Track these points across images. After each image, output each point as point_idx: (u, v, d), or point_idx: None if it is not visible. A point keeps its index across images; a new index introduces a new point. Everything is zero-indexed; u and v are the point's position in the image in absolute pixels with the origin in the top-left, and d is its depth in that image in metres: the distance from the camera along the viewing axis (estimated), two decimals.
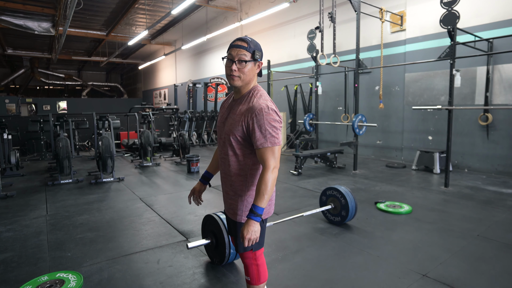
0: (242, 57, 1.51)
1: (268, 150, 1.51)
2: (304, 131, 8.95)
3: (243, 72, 1.53)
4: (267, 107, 1.50)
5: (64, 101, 19.70)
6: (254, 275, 1.70)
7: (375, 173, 6.03)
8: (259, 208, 1.47)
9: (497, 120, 5.67)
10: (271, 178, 1.49)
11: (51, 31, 11.77)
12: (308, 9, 9.15)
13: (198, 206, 3.00)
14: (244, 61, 1.51)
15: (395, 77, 7.23)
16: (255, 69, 1.57)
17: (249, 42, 1.53)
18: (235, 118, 1.57)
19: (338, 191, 3.37)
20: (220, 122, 1.69)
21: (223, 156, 1.66)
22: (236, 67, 1.52)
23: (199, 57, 15.42)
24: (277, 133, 1.52)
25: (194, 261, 2.67)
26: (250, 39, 1.55)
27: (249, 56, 1.52)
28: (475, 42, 5.43)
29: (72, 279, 2.36)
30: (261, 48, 1.60)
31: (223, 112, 1.70)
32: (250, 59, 1.52)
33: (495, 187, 4.92)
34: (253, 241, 1.48)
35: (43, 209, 4.13)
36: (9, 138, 6.50)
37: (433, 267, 2.51)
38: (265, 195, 1.47)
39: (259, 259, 1.70)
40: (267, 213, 1.67)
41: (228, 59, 1.54)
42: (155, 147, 8.07)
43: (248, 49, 1.52)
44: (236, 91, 1.64)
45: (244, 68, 1.52)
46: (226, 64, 1.56)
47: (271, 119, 1.50)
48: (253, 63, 1.54)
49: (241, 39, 1.54)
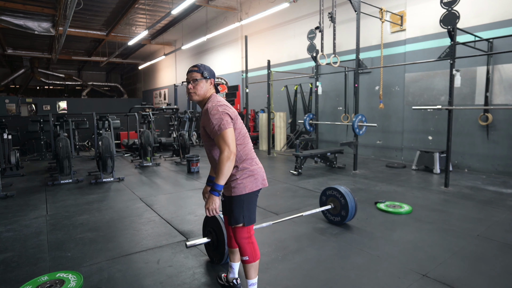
0: (194, 77, 1.98)
1: (219, 137, 1.86)
2: (304, 131, 8.95)
3: (197, 88, 1.98)
4: (211, 106, 1.92)
5: (64, 101, 19.70)
6: (251, 253, 2.00)
7: (375, 173, 6.03)
8: (217, 185, 1.84)
9: (497, 120, 5.67)
10: (224, 160, 1.82)
11: (51, 31, 11.77)
12: (308, 9, 9.15)
13: (199, 206, 3.06)
14: (196, 79, 1.98)
15: (395, 77, 7.23)
16: (207, 85, 2.01)
17: (199, 66, 2.01)
18: (201, 123, 2.02)
19: (338, 191, 3.37)
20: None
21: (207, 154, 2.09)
22: (191, 86, 1.99)
23: (199, 57, 15.42)
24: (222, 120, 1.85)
25: (194, 261, 2.67)
26: (200, 64, 2.02)
27: (199, 76, 1.98)
28: (475, 42, 5.43)
29: (72, 279, 2.36)
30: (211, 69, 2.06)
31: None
32: (200, 77, 1.98)
33: (495, 187, 4.92)
34: (212, 211, 1.88)
35: (43, 209, 4.13)
36: (9, 138, 6.50)
37: (433, 267, 2.51)
38: (220, 175, 1.82)
39: (252, 238, 2.04)
40: (254, 187, 1.99)
41: (187, 81, 2.02)
42: (155, 147, 8.07)
43: (198, 71, 1.99)
44: (199, 105, 2.08)
45: (197, 85, 1.98)
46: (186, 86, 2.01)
47: (214, 112, 1.88)
48: (204, 80, 1.99)
49: (194, 65, 2.02)
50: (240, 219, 1.98)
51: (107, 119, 7.16)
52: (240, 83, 12.29)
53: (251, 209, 2.01)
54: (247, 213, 1.99)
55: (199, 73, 1.98)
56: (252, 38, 11.28)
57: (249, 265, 2.01)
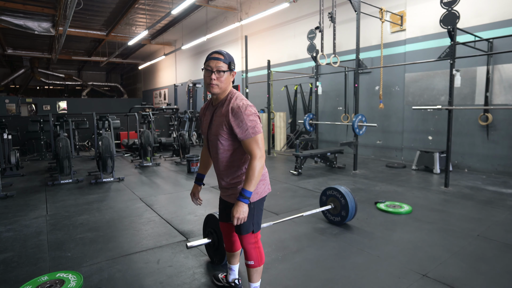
0: (220, 68, 1.74)
1: (252, 141, 1.74)
2: (304, 131, 8.95)
3: (221, 81, 1.76)
4: (243, 105, 1.74)
5: (64, 101, 19.70)
6: (258, 257, 1.94)
7: (375, 173, 6.03)
8: (247, 191, 1.72)
9: (497, 120, 5.67)
10: (258, 165, 1.72)
11: (51, 31, 11.77)
12: (308, 9, 9.15)
13: (199, 206, 3.05)
14: (222, 71, 1.74)
15: (395, 77, 7.23)
16: (230, 78, 1.81)
17: (225, 55, 1.76)
18: (219, 120, 1.81)
19: (338, 191, 3.37)
20: (205, 127, 1.94)
21: (214, 156, 1.90)
22: (215, 76, 1.74)
23: (199, 57, 15.42)
24: (256, 123, 1.75)
25: (194, 261, 2.67)
26: (225, 52, 1.78)
27: (226, 67, 1.75)
28: (475, 42, 5.43)
29: (72, 279, 2.36)
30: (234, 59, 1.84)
31: (207, 117, 1.93)
32: (227, 70, 1.76)
33: (495, 187, 4.92)
34: (242, 220, 1.74)
35: (43, 209, 4.13)
36: (9, 138, 6.50)
37: (433, 267, 2.51)
38: (253, 181, 1.72)
39: (259, 242, 1.96)
40: (264, 192, 1.92)
41: (208, 69, 1.76)
42: (155, 147, 8.07)
43: (224, 61, 1.75)
44: (214, 98, 1.86)
45: (222, 77, 1.75)
46: (205, 74, 1.78)
47: (248, 113, 1.73)
48: (228, 72, 1.78)
49: (218, 52, 1.77)
50: (250, 227, 1.88)
51: (107, 119, 7.16)
52: (240, 83, 12.29)
53: (260, 215, 1.94)
54: (256, 219, 1.91)
55: (226, 63, 1.74)
56: (252, 38, 11.28)
57: (254, 269, 1.96)
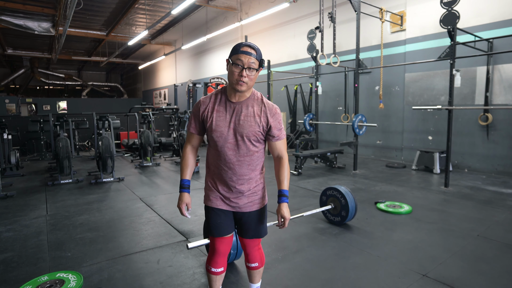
0: (252, 65, 1.54)
1: (283, 142, 1.75)
2: (304, 131, 8.95)
3: (250, 79, 1.57)
4: (274, 106, 1.71)
5: (64, 101, 19.69)
6: (261, 259, 1.93)
7: (375, 173, 6.03)
8: (287, 191, 1.72)
9: (497, 120, 5.67)
10: (288, 163, 1.77)
11: (51, 31, 11.77)
12: (308, 9, 9.15)
13: (199, 206, 3.01)
14: (255, 69, 1.57)
15: (395, 77, 7.23)
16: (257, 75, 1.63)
17: (257, 50, 1.56)
18: (251, 120, 1.64)
19: (338, 191, 3.37)
20: (221, 125, 1.65)
21: (235, 159, 1.67)
22: (245, 73, 1.54)
23: (199, 57, 15.42)
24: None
25: (194, 261, 2.67)
26: (257, 47, 1.58)
27: (257, 64, 1.57)
28: (475, 42, 5.43)
29: (72, 279, 2.36)
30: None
31: (222, 114, 1.66)
32: (258, 68, 1.58)
33: (495, 187, 4.92)
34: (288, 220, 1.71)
35: (43, 209, 4.13)
36: (9, 138, 6.50)
37: (433, 267, 2.51)
38: (288, 180, 1.74)
39: (260, 245, 1.92)
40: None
41: (238, 64, 1.54)
42: (155, 147, 8.07)
43: (257, 57, 1.56)
44: (232, 94, 1.65)
45: (252, 75, 1.57)
46: (233, 69, 1.55)
47: (280, 113, 1.73)
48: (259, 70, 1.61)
49: (250, 46, 1.55)
50: (266, 229, 1.83)
51: (107, 119, 7.15)
52: None
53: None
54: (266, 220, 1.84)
55: (258, 60, 1.56)
56: (252, 38, 11.28)
57: (258, 270, 1.93)
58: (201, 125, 1.71)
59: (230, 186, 1.70)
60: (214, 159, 1.72)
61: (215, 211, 1.74)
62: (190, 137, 1.77)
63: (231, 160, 1.67)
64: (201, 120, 1.70)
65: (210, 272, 1.84)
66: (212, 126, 1.65)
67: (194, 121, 1.72)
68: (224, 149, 1.66)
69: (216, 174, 1.73)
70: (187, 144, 1.78)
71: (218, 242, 1.78)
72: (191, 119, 1.74)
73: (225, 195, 1.72)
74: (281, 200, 1.69)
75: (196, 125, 1.72)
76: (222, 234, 1.76)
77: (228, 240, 1.80)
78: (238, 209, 1.74)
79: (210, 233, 1.78)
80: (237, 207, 1.73)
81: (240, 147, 1.65)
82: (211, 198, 1.75)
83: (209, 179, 1.78)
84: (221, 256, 1.82)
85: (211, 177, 1.76)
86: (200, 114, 1.69)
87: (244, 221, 1.77)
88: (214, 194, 1.74)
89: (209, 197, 1.76)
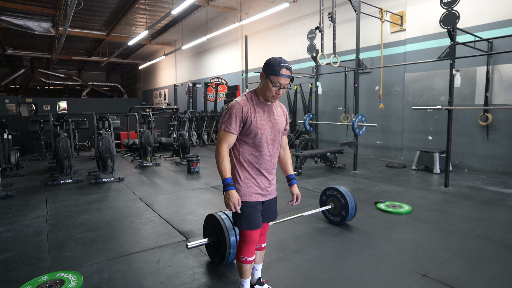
0: (287, 86, 1.86)
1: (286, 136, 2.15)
2: (304, 131, 8.95)
3: (281, 94, 1.88)
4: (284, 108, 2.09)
5: (64, 101, 19.68)
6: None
7: (375, 173, 6.03)
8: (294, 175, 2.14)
9: (497, 120, 5.67)
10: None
11: (51, 31, 11.78)
12: (308, 9, 9.15)
13: (200, 205, 3.02)
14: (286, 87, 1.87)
15: (395, 77, 7.23)
16: None
17: (292, 71, 1.85)
18: (281, 119, 2.00)
19: (338, 191, 3.37)
20: (264, 124, 1.90)
21: (271, 152, 1.96)
22: (281, 92, 1.86)
23: (199, 57, 15.42)
24: None
25: (194, 261, 2.67)
26: (291, 67, 1.85)
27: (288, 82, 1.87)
28: (475, 42, 5.43)
29: (72, 279, 2.36)
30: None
31: (261, 114, 1.91)
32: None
33: (495, 187, 4.92)
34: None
35: (43, 209, 4.13)
36: (9, 138, 6.50)
37: (433, 267, 2.51)
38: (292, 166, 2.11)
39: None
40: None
41: (276, 85, 1.82)
42: (155, 147, 8.07)
43: (291, 78, 1.85)
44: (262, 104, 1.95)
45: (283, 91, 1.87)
46: (271, 87, 1.83)
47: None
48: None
49: (289, 69, 1.82)
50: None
51: (107, 119, 7.15)
52: (240, 83, 12.29)
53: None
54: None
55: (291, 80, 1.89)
56: (252, 38, 11.28)
57: (264, 250, 2.21)
58: (241, 126, 1.87)
59: (267, 176, 1.97)
60: (252, 156, 1.92)
61: (255, 207, 1.93)
62: (228, 137, 1.88)
63: (270, 152, 1.96)
64: (244, 120, 1.86)
65: (246, 262, 1.99)
66: (257, 124, 1.88)
67: (235, 122, 1.85)
68: (266, 144, 1.93)
69: (255, 169, 1.93)
70: (223, 144, 1.88)
71: (256, 233, 1.97)
72: (231, 120, 1.85)
73: (262, 186, 1.95)
74: (293, 182, 2.10)
75: (238, 126, 1.86)
76: (260, 225, 1.97)
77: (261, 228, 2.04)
78: (268, 197, 2.00)
79: (250, 227, 1.93)
80: (268, 194, 1.99)
81: (276, 141, 1.97)
82: (251, 194, 1.92)
83: (246, 176, 1.92)
84: (255, 245, 2.03)
85: (248, 174, 1.93)
86: (243, 115, 1.86)
87: (270, 207, 2.05)
88: (253, 189, 1.93)
89: (250, 194, 1.92)
